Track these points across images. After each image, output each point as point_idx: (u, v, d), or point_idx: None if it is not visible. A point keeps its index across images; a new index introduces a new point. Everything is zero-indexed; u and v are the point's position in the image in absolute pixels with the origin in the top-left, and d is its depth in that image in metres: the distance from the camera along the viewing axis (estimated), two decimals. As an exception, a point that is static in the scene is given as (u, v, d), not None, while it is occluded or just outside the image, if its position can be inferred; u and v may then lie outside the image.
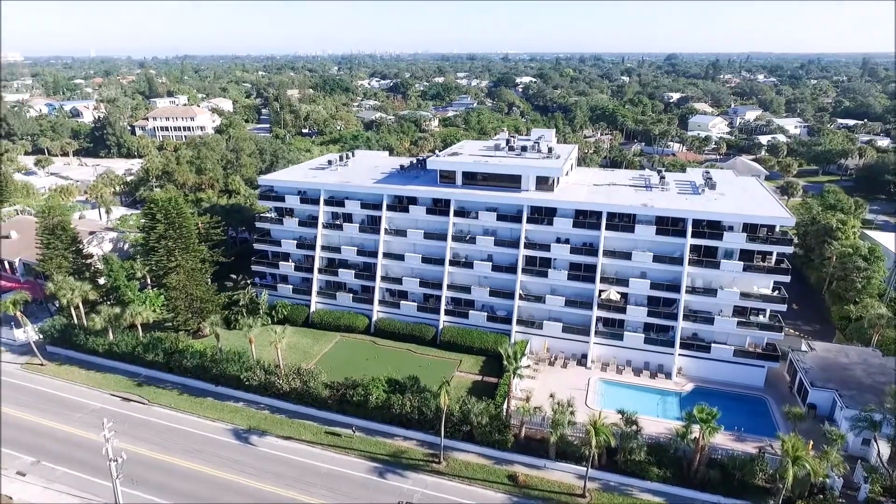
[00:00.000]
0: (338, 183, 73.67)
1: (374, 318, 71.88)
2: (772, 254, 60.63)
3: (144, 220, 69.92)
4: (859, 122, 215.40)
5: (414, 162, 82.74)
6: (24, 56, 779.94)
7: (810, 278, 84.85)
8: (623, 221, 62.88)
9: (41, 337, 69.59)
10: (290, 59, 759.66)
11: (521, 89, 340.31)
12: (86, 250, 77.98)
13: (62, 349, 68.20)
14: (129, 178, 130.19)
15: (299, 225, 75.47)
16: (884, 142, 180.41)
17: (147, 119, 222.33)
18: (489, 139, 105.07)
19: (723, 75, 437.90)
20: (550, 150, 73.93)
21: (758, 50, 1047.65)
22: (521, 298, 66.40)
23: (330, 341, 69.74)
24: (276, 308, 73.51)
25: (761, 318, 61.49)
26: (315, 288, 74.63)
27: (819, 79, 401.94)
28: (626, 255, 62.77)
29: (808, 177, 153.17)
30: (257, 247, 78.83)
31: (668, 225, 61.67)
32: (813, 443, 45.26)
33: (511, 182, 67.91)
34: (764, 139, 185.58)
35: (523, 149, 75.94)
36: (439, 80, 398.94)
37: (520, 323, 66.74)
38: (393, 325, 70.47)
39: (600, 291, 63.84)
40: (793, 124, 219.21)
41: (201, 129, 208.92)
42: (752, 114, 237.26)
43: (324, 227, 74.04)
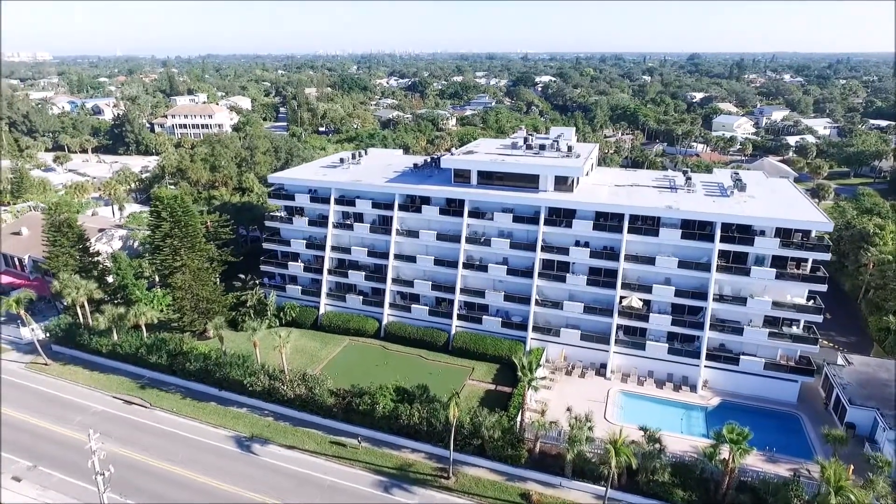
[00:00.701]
0: (349, 181, 71.36)
1: (385, 322, 69.48)
2: (807, 261, 56.72)
3: (149, 218, 68.39)
4: (892, 122, 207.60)
5: (428, 160, 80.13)
6: (53, 55, 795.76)
7: (844, 286, 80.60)
8: (646, 224, 59.63)
9: (47, 336, 68.59)
10: (310, 58, 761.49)
11: (540, 89, 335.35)
12: (94, 248, 76.82)
13: (67, 348, 66.95)
14: (145, 176, 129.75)
15: (309, 224, 73.34)
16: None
17: (166, 117, 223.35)
18: (506, 138, 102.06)
19: (747, 75, 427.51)
20: (570, 148, 70.93)
21: (783, 49, 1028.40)
22: (537, 304, 63.43)
23: (339, 345, 67.47)
24: (284, 310, 71.44)
25: (794, 328, 57.72)
26: (324, 289, 72.45)
27: (848, 78, 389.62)
28: (650, 260, 59.45)
29: (838, 179, 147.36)
30: (266, 246, 76.91)
31: (695, 228, 58.26)
32: (854, 467, 41.63)
33: (528, 182, 64.98)
34: (792, 140, 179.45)
35: (542, 147, 72.95)
36: (458, 79, 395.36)
37: (536, 330, 63.75)
38: (403, 329, 67.94)
39: (621, 298, 60.64)
40: (822, 125, 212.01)
41: (219, 126, 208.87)
42: (778, 114, 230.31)
43: (334, 226, 71.83)
